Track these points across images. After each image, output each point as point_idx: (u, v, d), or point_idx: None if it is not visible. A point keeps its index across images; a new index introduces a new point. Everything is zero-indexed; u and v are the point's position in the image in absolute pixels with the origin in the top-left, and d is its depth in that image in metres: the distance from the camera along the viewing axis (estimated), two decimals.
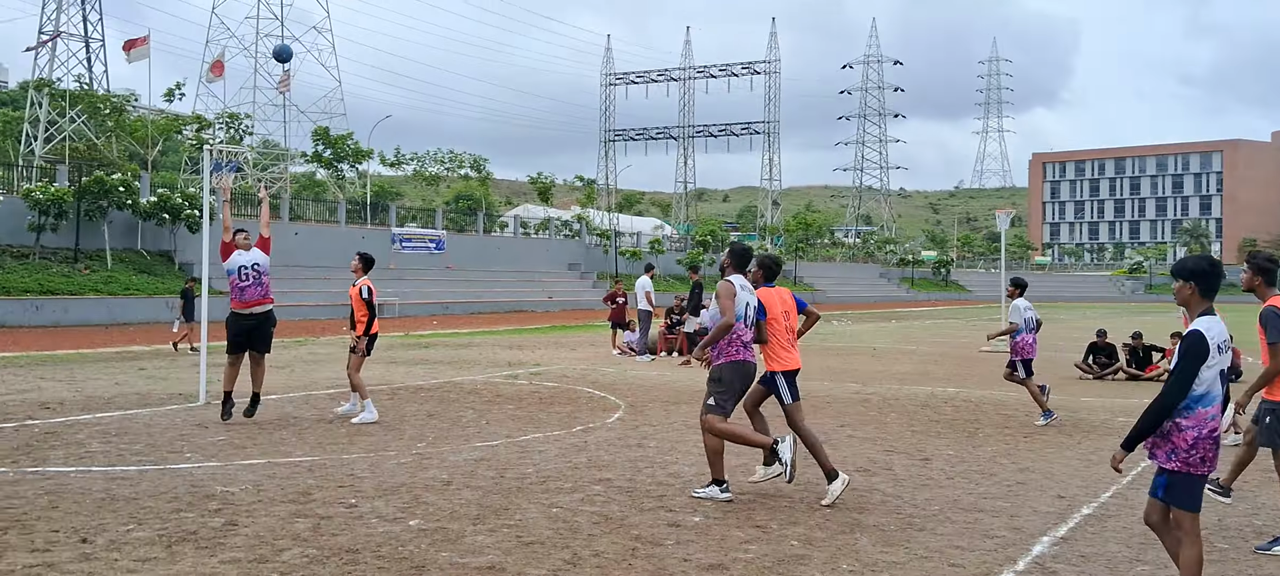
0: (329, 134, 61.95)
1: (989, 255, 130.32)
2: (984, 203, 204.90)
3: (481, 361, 21.40)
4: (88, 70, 63.17)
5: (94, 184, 37.89)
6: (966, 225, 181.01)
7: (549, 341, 28.07)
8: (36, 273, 35.05)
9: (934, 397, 15.58)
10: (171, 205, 40.00)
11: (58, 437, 10.76)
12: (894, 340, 31.25)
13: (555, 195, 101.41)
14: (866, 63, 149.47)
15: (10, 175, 43.13)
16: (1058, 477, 9.34)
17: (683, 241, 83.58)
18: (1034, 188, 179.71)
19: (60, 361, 20.35)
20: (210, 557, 6.29)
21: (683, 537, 6.93)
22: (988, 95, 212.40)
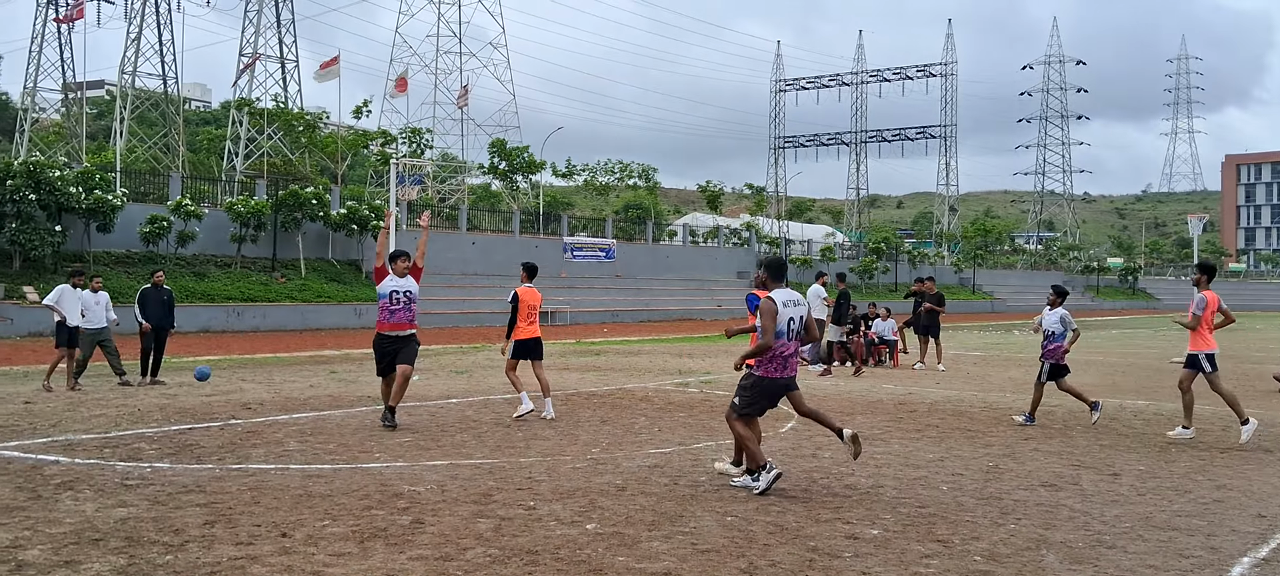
0: (505, 146, 63.62)
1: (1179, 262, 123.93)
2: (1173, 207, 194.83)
3: (652, 369, 21.58)
4: (283, 90, 66.66)
5: (289, 197, 39.95)
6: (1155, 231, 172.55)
7: (719, 349, 28.07)
8: (238, 281, 37.18)
9: (1122, 410, 14.91)
10: (359, 216, 41.81)
11: (258, 436, 11.38)
12: (1078, 350, 29.98)
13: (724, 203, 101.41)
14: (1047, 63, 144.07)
15: (215, 190, 45.88)
16: (1258, 496, 8.81)
17: (855, 249, 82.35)
18: (1227, 191, 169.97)
19: (259, 364, 21.51)
20: (399, 554, 6.54)
21: (861, 550, 6.83)
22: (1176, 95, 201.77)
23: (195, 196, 40.31)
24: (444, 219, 53.21)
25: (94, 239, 34.18)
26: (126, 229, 34.89)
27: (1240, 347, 31.07)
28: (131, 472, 9.16)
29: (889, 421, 13.32)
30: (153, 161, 64.77)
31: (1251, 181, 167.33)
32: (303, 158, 57.83)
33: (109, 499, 8.06)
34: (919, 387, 17.93)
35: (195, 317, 33.32)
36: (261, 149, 65.59)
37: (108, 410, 13.51)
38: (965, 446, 11.36)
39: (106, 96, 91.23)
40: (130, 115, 67.96)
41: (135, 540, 6.82)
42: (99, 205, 33.19)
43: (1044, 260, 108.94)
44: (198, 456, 10.06)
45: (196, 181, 48.92)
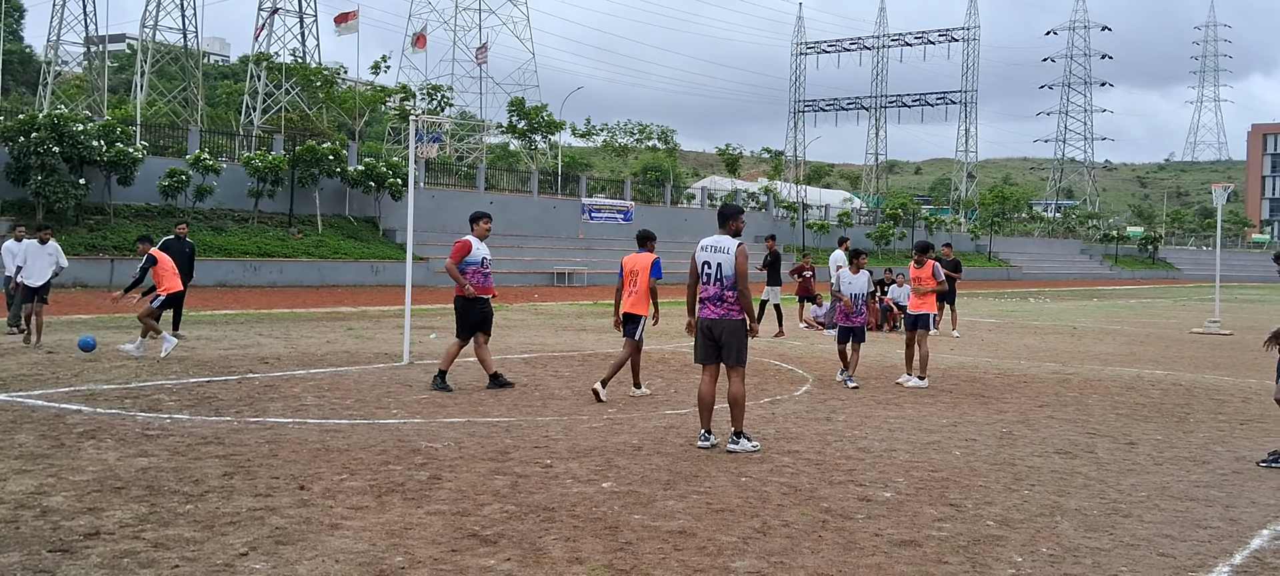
0: (523, 105, 63.46)
1: (1201, 232, 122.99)
2: (1196, 176, 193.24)
3: (669, 332, 21.57)
4: (302, 44, 66.65)
5: (306, 152, 39.96)
6: (1177, 200, 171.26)
7: None
8: (255, 236, 37.30)
9: (1140, 380, 14.87)
10: (377, 173, 41.80)
11: (276, 391, 11.47)
12: (1096, 319, 29.93)
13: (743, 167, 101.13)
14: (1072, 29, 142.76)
15: (232, 144, 45.97)
16: (1275, 469, 8.78)
17: (872, 215, 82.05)
18: (1253, 160, 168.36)
19: (276, 319, 21.63)
20: (416, 509, 6.60)
21: (873, 513, 6.86)
22: (1203, 63, 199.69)
23: (213, 151, 40.37)
24: (462, 178, 53.22)
25: (114, 192, 34.32)
26: (146, 182, 35.00)
27: (1265, 319, 30.90)
28: (152, 423, 9.25)
29: (902, 386, 13.33)
30: (172, 115, 64.86)
31: (1278, 151, 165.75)
32: (320, 113, 57.81)
33: (130, 448, 8.15)
34: (933, 353, 17.90)
35: (212, 272, 33.46)
36: (279, 104, 65.65)
37: (128, 362, 13.63)
38: (979, 411, 11.36)
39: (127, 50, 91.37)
40: (151, 69, 68.07)
41: (156, 489, 6.90)
42: (120, 158, 33.28)
43: (1062, 228, 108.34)
44: (216, 409, 10.15)
45: (215, 136, 49.00)
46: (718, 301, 8.67)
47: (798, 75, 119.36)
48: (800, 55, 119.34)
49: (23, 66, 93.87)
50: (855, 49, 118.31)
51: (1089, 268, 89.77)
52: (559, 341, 18.38)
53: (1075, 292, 53.20)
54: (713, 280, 8.71)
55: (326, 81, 53.38)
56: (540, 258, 46.25)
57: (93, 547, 5.61)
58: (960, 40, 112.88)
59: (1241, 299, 46.89)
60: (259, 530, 6.03)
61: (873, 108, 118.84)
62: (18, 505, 6.41)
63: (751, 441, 8.75)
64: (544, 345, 17.73)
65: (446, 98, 60.79)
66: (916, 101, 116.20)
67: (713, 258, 8.73)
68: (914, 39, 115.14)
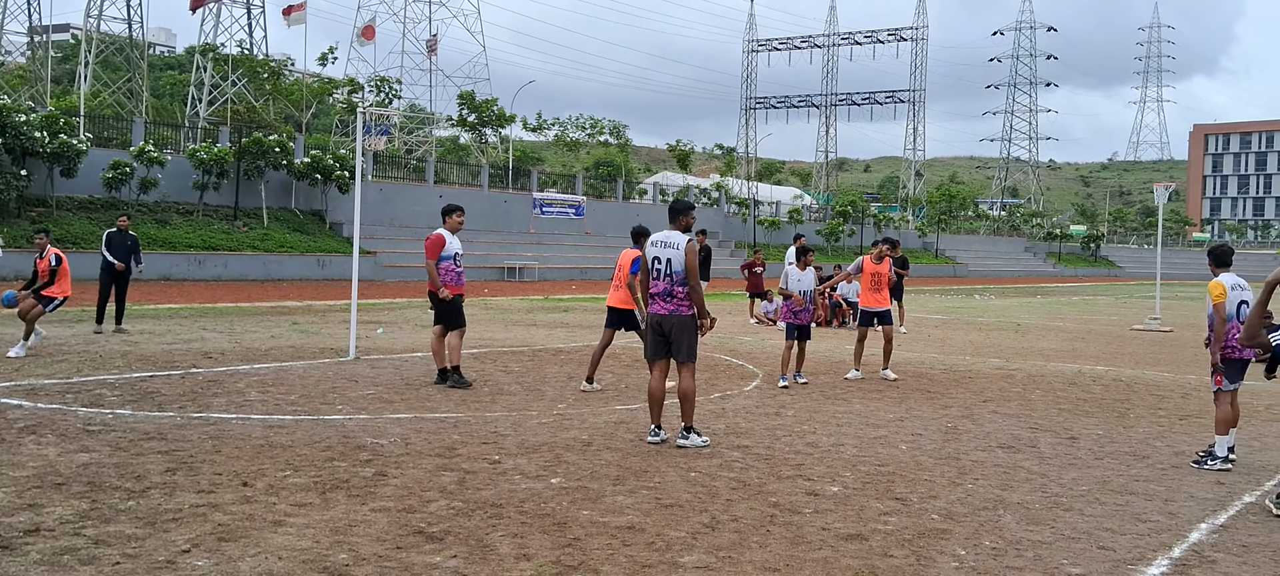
0: (474, 98, 63.09)
1: (1143, 231, 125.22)
2: (1139, 176, 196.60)
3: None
4: (248, 35, 65.76)
5: (252, 145, 39.48)
6: (1119, 199, 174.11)
7: None
8: (200, 229, 36.79)
9: (1082, 375, 15.10)
10: (323, 166, 41.39)
11: (220, 386, 11.31)
12: (1039, 316, 30.35)
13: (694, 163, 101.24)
14: (1018, 29, 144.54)
15: (177, 136, 45.28)
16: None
17: (822, 211, 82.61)
18: (1194, 160, 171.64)
19: (220, 314, 21.35)
20: (361, 505, 6.54)
21: (821, 507, 6.90)
22: (1147, 64, 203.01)
23: (158, 142, 39.73)
24: (411, 171, 52.81)
25: (57, 184, 33.69)
26: (89, 174, 34.39)
27: (1203, 317, 31.52)
28: (93, 419, 9.09)
29: (850, 382, 13.43)
30: (117, 107, 63.77)
31: (1219, 151, 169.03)
32: (267, 105, 57.13)
33: (71, 444, 8.00)
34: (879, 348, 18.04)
35: (156, 265, 32.96)
36: (225, 95, 64.76)
37: (70, 356, 13.39)
38: (925, 407, 11.48)
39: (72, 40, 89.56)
40: (95, 60, 66.81)
41: (97, 485, 6.78)
42: (63, 150, 32.68)
43: (1007, 226, 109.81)
44: (159, 404, 9.99)
45: (160, 127, 48.24)
46: (668, 297, 8.68)
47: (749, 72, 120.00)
48: (752, 52, 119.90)
49: None
50: (806, 47, 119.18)
51: (1033, 265, 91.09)
52: (509, 337, 18.32)
53: (1019, 290, 53.92)
54: (663, 276, 8.71)
55: (273, 73, 52.69)
56: (490, 252, 46.02)
57: (32, 544, 5.50)
58: (909, 40, 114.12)
59: (1181, 296, 47.78)
60: (201, 526, 5.94)
61: (823, 105, 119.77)
62: None
63: (701, 436, 8.78)
64: (494, 340, 17.65)
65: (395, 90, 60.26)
66: (866, 100, 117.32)
67: (663, 253, 8.74)
68: (864, 38, 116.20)
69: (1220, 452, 8.73)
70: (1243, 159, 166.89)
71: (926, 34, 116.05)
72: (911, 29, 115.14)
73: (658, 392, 8.83)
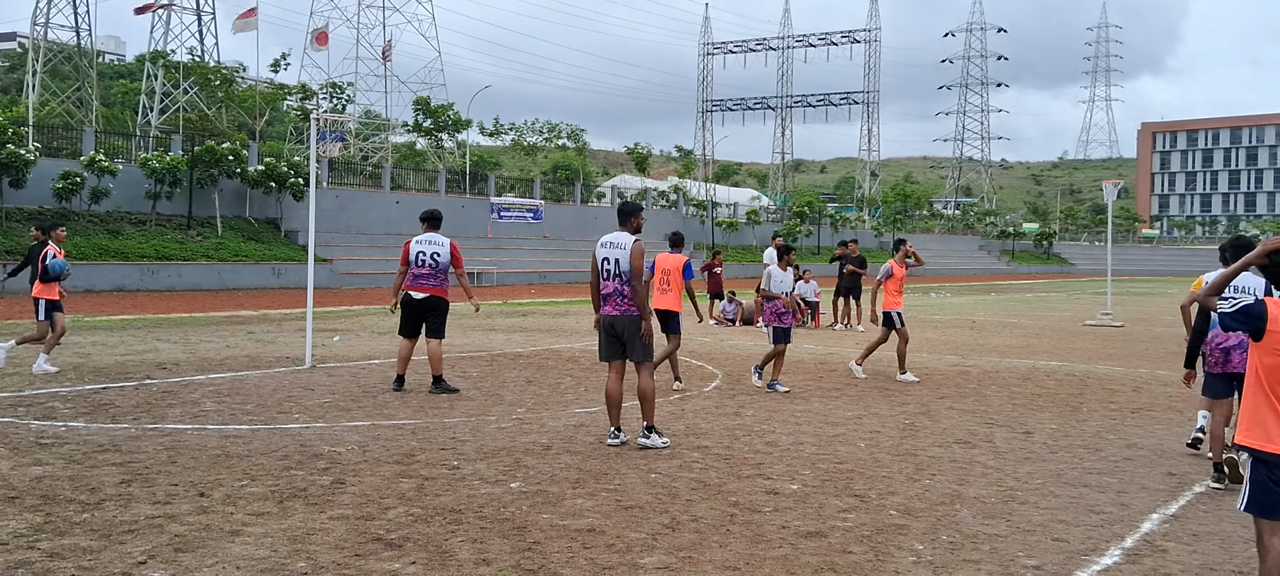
0: (429, 104, 62.81)
1: (1093, 228, 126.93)
2: (1089, 174, 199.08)
3: (579, 330, 21.61)
4: (200, 43, 65.05)
5: (205, 153, 39.04)
6: (1070, 197, 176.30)
7: None
8: (153, 238, 36.30)
9: (1036, 371, 15.30)
10: (278, 174, 41.00)
11: (174, 396, 11.18)
12: (994, 313, 30.68)
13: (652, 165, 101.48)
14: (969, 31, 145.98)
15: (128, 145, 44.66)
16: (1167, 454, 9.11)
17: (780, 212, 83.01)
18: (1143, 158, 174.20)
19: (174, 324, 21.09)
20: (320, 514, 6.50)
21: (781, 505, 6.95)
22: (1095, 63, 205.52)
23: (109, 152, 39.19)
24: (367, 177, 52.47)
25: (5, 195, 33.13)
26: (39, 185, 33.83)
27: (1154, 311, 32.03)
28: (46, 431, 8.96)
29: (809, 380, 13.53)
30: (66, 116, 62.80)
31: (1167, 149, 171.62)
32: (219, 113, 56.47)
33: (24, 457, 7.88)
34: (839, 348, 18.19)
35: (108, 276, 32.52)
36: (177, 103, 63.97)
37: (20, 368, 13.17)
38: (882, 404, 11.58)
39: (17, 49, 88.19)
40: (43, 68, 65.76)
41: (51, 498, 6.69)
42: (11, 160, 32.14)
43: (961, 225, 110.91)
44: (113, 416, 9.86)
45: (110, 137, 47.59)
46: (619, 298, 8.73)
47: (705, 75, 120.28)
48: (707, 55, 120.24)
49: None
50: (761, 49, 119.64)
51: (987, 263, 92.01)
52: (467, 341, 18.24)
53: (974, 287, 54.47)
54: (612, 276, 8.77)
55: (226, 80, 52.18)
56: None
57: None
58: (862, 42, 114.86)
59: (1132, 292, 48.50)
60: (158, 538, 5.88)
61: (779, 107, 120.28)
62: None
63: (662, 437, 8.80)
64: (451, 345, 17.55)
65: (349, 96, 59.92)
66: (821, 101, 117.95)
67: (611, 254, 8.80)
68: (818, 40, 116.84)
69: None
70: (1190, 156, 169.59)
71: (879, 36, 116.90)
72: (864, 31, 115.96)
73: (615, 394, 8.86)
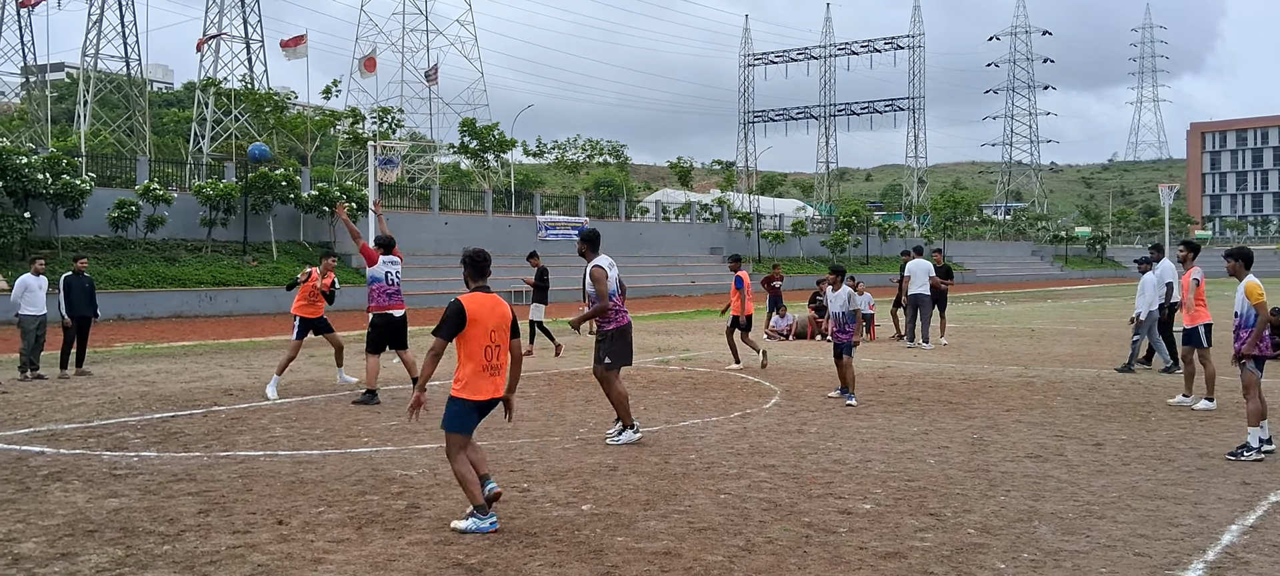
0: (475, 125, 63.28)
1: (1146, 230, 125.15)
2: (1139, 176, 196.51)
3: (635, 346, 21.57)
4: (249, 70, 65.98)
5: (258, 179, 39.56)
6: (1121, 199, 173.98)
7: (696, 326, 28.16)
8: (209, 265, 36.83)
9: (1100, 380, 15.09)
10: (330, 198, 41.47)
11: (243, 422, 11.32)
12: (1051, 320, 30.33)
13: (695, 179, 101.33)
14: (1014, 34, 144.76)
15: (182, 173, 45.37)
16: (1240, 463, 8.95)
17: (825, 222, 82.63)
18: (1193, 159, 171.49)
19: (235, 349, 21.36)
20: (397, 539, 6.54)
21: (855, 525, 6.90)
22: (1141, 64, 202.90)
23: (163, 180, 39.84)
24: (415, 199, 52.91)
25: (62, 225, 33.77)
26: (95, 214, 34.44)
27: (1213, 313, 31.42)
28: (119, 462, 9.10)
29: (870, 394, 13.42)
30: (118, 145, 63.94)
31: (1217, 149, 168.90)
32: (270, 139, 57.25)
33: (99, 489, 8.01)
34: (897, 360, 18.06)
35: (166, 303, 33.03)
36: (228, 130, 64.95)
37: (87, 399, 13.40)
38: (948, 419, 11.47)
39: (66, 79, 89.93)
40: (93, 98, 67.03)
41: (130, 530, 6.79)
42: (67, 191, 32.76)
43: (1012, 231, 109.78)
44: (184, 444, 10.00)
45: (164, 165, 48.36)
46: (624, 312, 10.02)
47: (746, 86, 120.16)
48: (748, 66, 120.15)
49: None
50: (802, 59, 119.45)
51: (1040, 269, 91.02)
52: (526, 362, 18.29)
53: (1029, 294, 53.90)
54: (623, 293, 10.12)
55: (276, 107, 52.87)
56: (496, 276, 45.86)
57: None
58: (906, 48, 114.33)
59: None
60: (241, 568, 5.95)
61: (822, 116, 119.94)
62: None
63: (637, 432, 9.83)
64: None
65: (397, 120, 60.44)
66: (865, 109, 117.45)
67: (617, 272, 10.08)
68: (860, 48, 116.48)
69: (1254, 443, 8.96)
70: (1240, 155, 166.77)
71: (923, 42, 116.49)
72: (908, 37, 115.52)
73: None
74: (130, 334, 25.29)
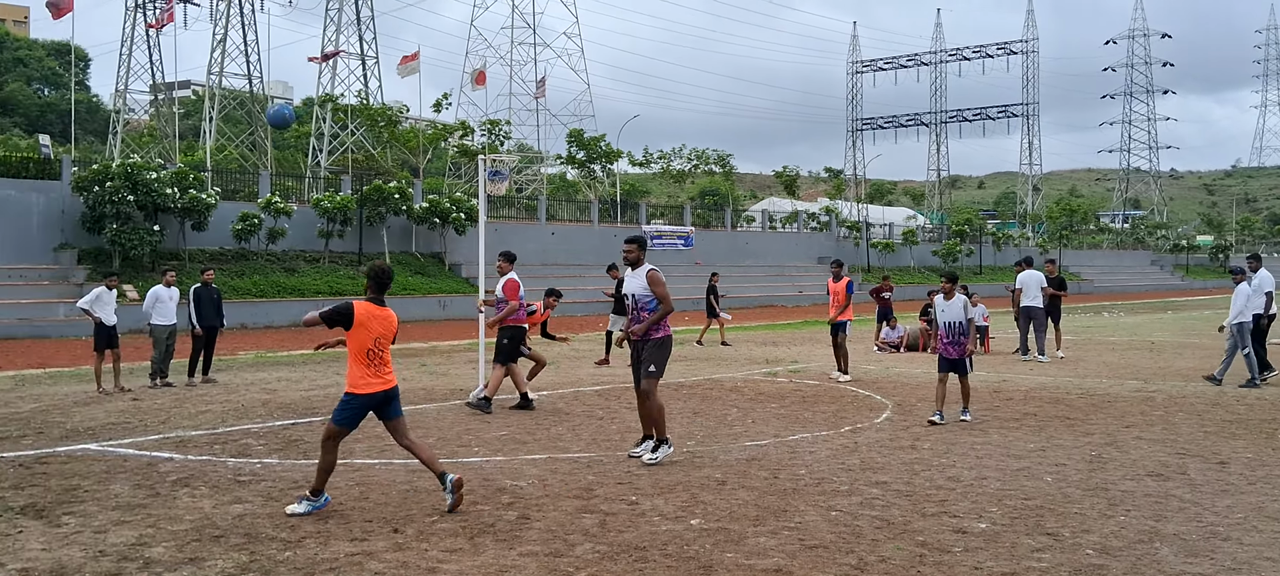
0: (582, 136, 63.91)
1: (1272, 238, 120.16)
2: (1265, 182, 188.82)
3: (738, 358, 21.56)
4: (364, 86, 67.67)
5: (373, 192, 40.57)
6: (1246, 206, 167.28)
7: (804, 337, 27.93)
8: (326, 275, 37.88)
9: (1224, 395, 14.54)
10: (441, 210, 42.30)
11: (360, 430, 11.56)
12: (1172, 332, 29.34)
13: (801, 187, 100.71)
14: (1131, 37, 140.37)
15: (301, 186, 46.76)
16: None
17: (937, 231, 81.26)
18: None
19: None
20: (509, 550, 6.64)
21: (971, 544, 6.78)
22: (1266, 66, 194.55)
23: (283, 193, 41.09)
24: (522, 209, 53.62)
25: (189, 237, 35.07)
26: (219, 226, 35.71)
27: None
28: (243, 468, 9.41)
29: (986, 410, 13.15)
30: (240, 160, 66.15)
31: None
32: (384, 152, 58.64)
33: (224, 495, 8.30)
34: (1013, 374, 17.67)
35: (285, 312, 34.01)
36: (344, 145, 66.69)
37: (213, 406, 13.88)
38: (1065, 435, 11.19)
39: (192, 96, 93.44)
40: (218, 115, 69.47)
41: (254, 536, 7.02)
42: (194, 204, 34.03)
43: (1131, 239, 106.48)
44: (304, 452, 10.30)
45: (284, 178, 49.86)
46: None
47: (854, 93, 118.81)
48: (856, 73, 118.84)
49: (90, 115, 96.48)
50: (912, 65, 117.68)
51: (1161, 279, 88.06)
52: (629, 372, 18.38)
53: (1148, 305, 52.21)
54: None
55: (390, 121, 54.13)
56: (603, 286, 46.28)
57: None
58: (1019, 53, 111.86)
59: None
60: (359, 575, 6.10)
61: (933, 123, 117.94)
62: (120, 557, 6.54)
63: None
64: (613, 376, 17.76)
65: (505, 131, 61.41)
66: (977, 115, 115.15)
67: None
68: (972, 53, 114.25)
69: None
70: None
71: (1037, 46, 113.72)
72: (1021, 42, 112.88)
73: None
74: (253, 342, 26.13)
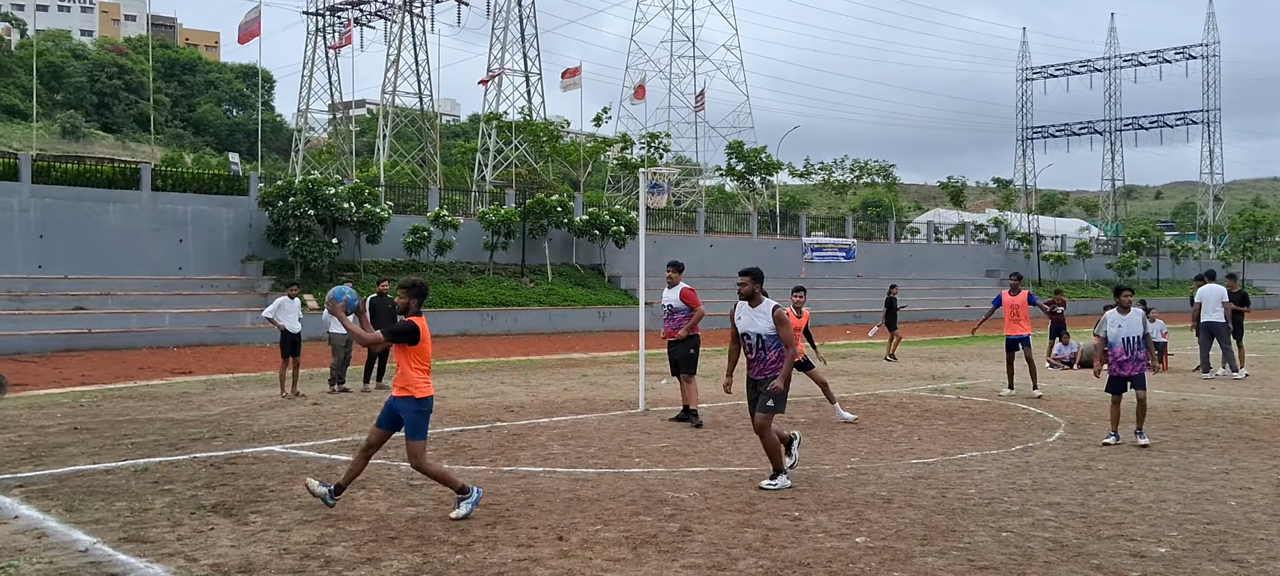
0: (742, 148, 63.86)
1: None
2: None
3: (903, 373, 21.16)
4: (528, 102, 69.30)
5: (536, 205, 41.49)
6: None
7: (971, 352, 27.19)
8: (490, 287, 38.90)
9: None
10: (601, 222, 42.92)
11: (524, 439, 11.87)
12: None
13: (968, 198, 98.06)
14: None
15: (467, 200, 48.16)
16: None
17: (1111, 244, 78.02)
18: None
19: (514, 367, 22.43)
20: (672, 561, 6.68)
21: (1149, 569, 6.50)
22: None
23: (451, 207, 42.39)
24: (681, 221, 53.86)
25: (363, 249, 36.54)
26: (392, 239, 37.12)
27: None
28: (414, 473, 9.72)
29: (1165, 430, 12.55)
30: (411, 175, 68.55)
31: None
32: (546, 166, 59.86)
33: (398, 498, 8.61)
34: (1193, 393, 16.83)
35: (452, 322, 35.03)
36: (509, 159, 68.37)
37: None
38: (1250, 457, 10.60)
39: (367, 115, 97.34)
40: (391, 131, 72.18)
41: (426, 539, 7.26)
42: (368, 218, 35.50)
43: None
44: (471, 458, 10.59)
45: (451, 193, 51.44)
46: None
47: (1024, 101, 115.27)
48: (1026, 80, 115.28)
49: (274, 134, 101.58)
50: (1084, 71, 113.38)
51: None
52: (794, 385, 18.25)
53: None
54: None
55: (552, 136, 55.22)
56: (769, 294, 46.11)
57: None
58: (1199, 57, 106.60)
59: None
60: None
61: (1106, 131, 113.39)
62: (303, 555, 6.86)
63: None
64: None
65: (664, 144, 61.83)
66: (1154, 123, 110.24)
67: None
68: (1148, 58, 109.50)
69: None
70: None
71: (1218, 50, 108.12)
72: (1201, 45, 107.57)
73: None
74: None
